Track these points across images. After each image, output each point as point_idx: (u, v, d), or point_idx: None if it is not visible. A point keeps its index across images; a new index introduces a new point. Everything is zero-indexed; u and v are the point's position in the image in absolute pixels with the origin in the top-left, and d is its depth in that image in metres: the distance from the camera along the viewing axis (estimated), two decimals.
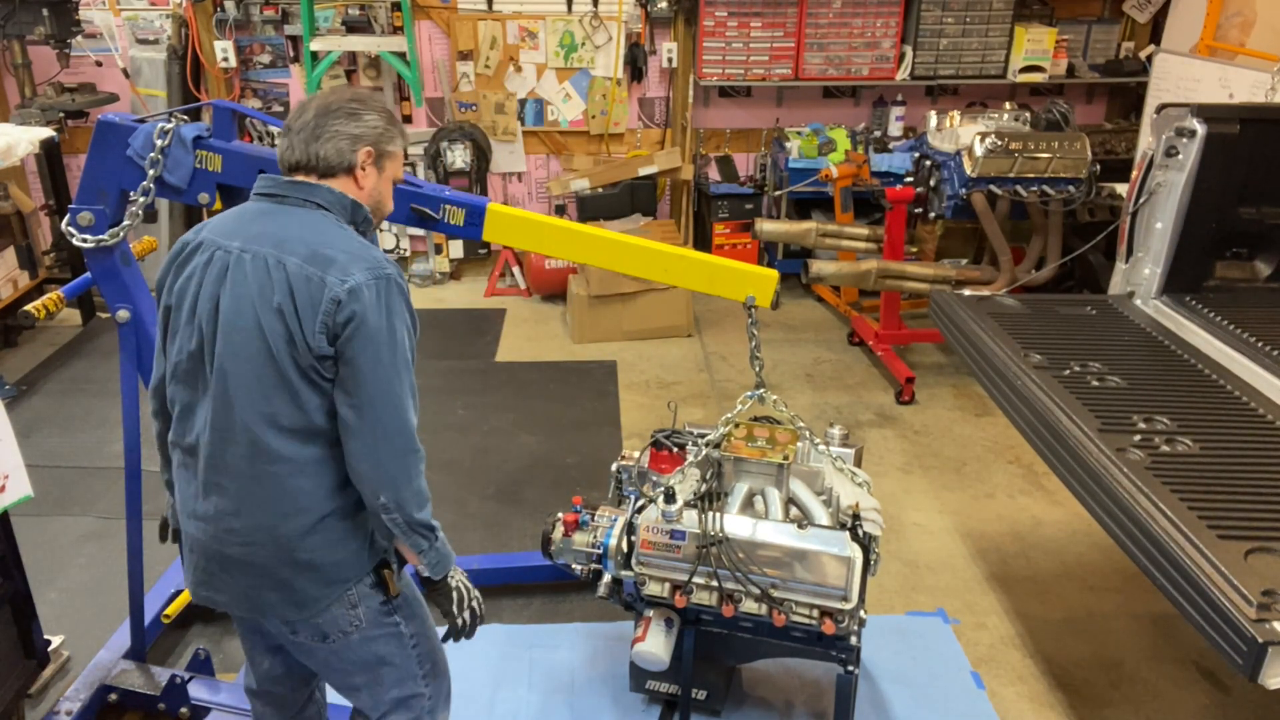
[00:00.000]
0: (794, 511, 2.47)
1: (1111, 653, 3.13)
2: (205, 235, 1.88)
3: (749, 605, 2.32)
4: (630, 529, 2.43)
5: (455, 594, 2.03)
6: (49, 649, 2.85)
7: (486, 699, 2.91)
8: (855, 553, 2.28)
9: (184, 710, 2.72)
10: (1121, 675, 3.04)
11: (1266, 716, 2.90)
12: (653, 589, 2.40)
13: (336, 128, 1.87)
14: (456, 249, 6.21)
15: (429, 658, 2.09)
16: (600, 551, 2.55)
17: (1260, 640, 1.67)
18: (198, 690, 2.75)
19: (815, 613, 2.29)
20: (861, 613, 2.36)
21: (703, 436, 2.60)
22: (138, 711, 2.81)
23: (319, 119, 1.87)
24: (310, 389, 1.79)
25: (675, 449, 2.68)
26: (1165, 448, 2.30)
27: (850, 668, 2.46)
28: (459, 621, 2.05)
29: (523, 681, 2.97)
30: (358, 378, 1.77)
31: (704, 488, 2.43)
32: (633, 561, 2.42)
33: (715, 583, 2.33)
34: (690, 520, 2.36)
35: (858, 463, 2.67)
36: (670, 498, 2.35)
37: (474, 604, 2.07)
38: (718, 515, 2.33)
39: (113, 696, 2.78)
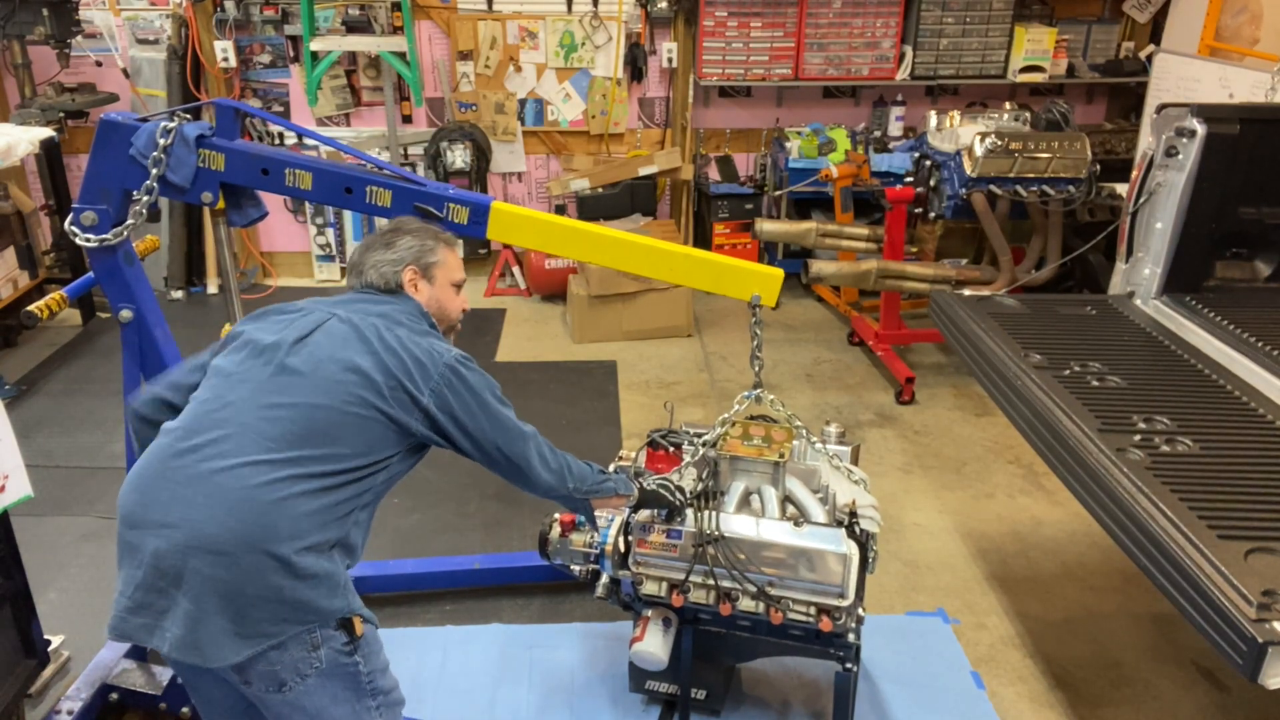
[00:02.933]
0: (791, 510, 2.47)
1: (1111, 653, 3.13)
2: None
3: (746, 604, 2.32)
4: (627, 529, 2.44)
5: (655, 495, 2.33)
6: (49, 649, 2.85)
7: (487, 698, 2.91)
8: (851, 549, 2.28)
9: (185, 710, 2.72)
10: (1121, 675, 3.04)
11: (1266, 716, 2.90)
12: (650, 588, 2.40)
13: (376, 258, 2.16)
14: None
15: (381, 690, 1.99)
16: (597, 552, 2.55)
17: (1260, 640, 1.67)
18: None
19: (813, 610, 2.29)
20: (860, 610, 2.36)
21: (699, 436, 2.61)
22: (139, 711, 2.81)
23: (362, 255, 2.18)
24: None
25: (671, 448, 2.68)
26: (1165, 448, 2.30)
27: (848, 665, 2.46)
28: (678, 503, 2.35)
29: (523, 681, 2.97)
30: None
31: (700, 487, 2.44)
32: (629, 561, 2.42)
33: (712, 581, 2.33)
34: (686, 519, 2.36)
35: (854, 460, 2.67)
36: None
37: (678, 490, 2.37)
38: (714, 514, 2.34)
39: (114, 696, 2.78)
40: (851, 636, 2.40)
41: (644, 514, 2.39)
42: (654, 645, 2.41)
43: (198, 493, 1.79)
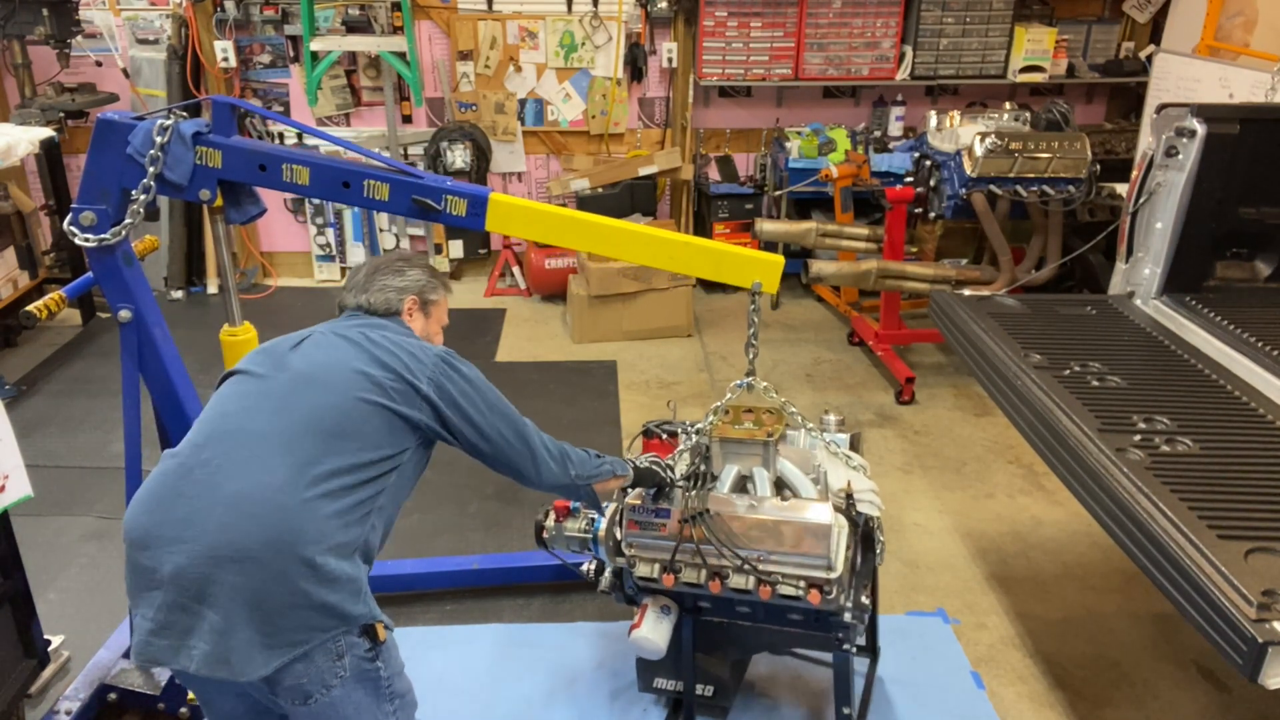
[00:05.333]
0: (786, 493, 2.47)
1: (1111, 653, 3.13)
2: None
3: (736, 580, 2.32)
4: (622, 517, 2.44)
5: (648, 472, 2.36)
6: (49, 649, 2.86)
7: (487, 698, 2.91)
8: (839, 522, 2.29)
9: (183, 710, 2.73)
10: (1121, 675, 3.04)
11: (1266, 716, 2.90)
12: (643, 570, 2.41)
13: (384, 281, 2.22)
14: (456, 249, 6.20)
15: (398, 693, 2.01)
16: (593, 535, 2.56)
17: (1260, 640, 1.67)
18: None
19: (802, 584, 2.29)
20: (864, 598, 2.36)
21: (693, 425, 2.62)
22: (137, 711, 2.81)
23: (369, 277, 2.24)
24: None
25: (666, 436, 2.69)
26: (1165, 448, 2.29)
27: (846, 645, 2.45)
28: (667, 480, 2.39)
29: (523, 680, 2.97)
30: None
31: (690, 469, 2.45)
32: (622, 545, 2.43)
33: (700, 559, 2.33)
34: (675, 498, 2.39)
35: (854, 448, 2.67)
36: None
37: (666, 466, 2.42)
38: (699, 490, 2.36)
39: (112, 696, 2.78)
40: (847, 615, 2.39)
41: (636, 495, 2.41)
42: (651, 631, 2.41)
43: (216, 503, 1.79)
